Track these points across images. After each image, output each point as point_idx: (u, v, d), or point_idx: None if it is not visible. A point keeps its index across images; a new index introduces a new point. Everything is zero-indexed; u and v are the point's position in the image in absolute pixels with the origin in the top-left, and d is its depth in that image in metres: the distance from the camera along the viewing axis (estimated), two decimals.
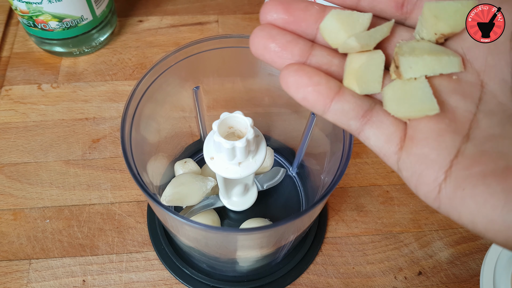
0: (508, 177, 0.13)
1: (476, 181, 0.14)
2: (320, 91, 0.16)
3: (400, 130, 0.16)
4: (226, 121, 0.25)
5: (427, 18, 0.16)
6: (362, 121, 0.17)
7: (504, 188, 0.13)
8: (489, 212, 0.13)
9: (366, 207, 0.36)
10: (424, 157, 0.15)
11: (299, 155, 0.35)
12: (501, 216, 0.13)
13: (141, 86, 0.26)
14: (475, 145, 0.15)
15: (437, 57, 0.16)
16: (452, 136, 0.15)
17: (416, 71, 0.16)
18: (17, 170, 0.37)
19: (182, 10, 0.49)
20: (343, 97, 0.16)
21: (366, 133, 0.17)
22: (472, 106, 0.15)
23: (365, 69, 0.17)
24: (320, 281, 0.32)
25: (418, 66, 0.16)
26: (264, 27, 0.17)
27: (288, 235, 0.27)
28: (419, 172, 0.15)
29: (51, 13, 0.39)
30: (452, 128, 0.15)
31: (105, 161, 0.38)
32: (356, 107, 0.16)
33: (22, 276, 0.32)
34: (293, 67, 0.16)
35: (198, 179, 0.30)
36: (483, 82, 0.16)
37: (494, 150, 0.14)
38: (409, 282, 0.33)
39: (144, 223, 0.35)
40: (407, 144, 0.16)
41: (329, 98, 0.16)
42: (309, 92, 0.16)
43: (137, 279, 0.32)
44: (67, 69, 0.44)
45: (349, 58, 0.17)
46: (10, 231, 0.34)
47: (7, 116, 0.40)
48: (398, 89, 0.16)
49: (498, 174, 0.14)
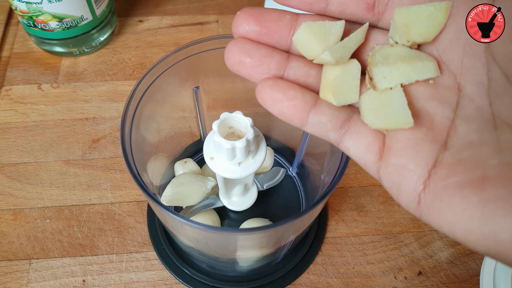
0: (484, 187, 0.13)
1: (453, 191, 0.14)
2: (296, 105, 0.16)
3: (379, 140, 0.16)
4: (226, 121, 0.25)
5: (398, 26, 0.15)
6: (340, 132, 0.17)
7: (480, 199, 0.13)
8: (467, 223, 0.13)
9: (366, 207, 0.36)
10: (402, 168, 0.15)
11: (299, 155, 0.35)
12: (478, 227, 0.13)
13: (141, 86, 0.26)
14: (453, 154, 0.14)
15: (411, 63, 0.15)
16: (429, 146, 0.15)
17: (391, 80, 0.15)
18: (17, 170, 0.37)
19: (182, 10, 0.49)
20: (319, 110, 0.16)
21: (345, 143, 0.17)
22: (449, 112, 0.15)
23: (340, 81, 0.16)
24: (320, 281, 0.32)
25: (392, 75, 0.15)
26: (238, 42, 0.17)
27: (288, 235, 0.27)
28: (398, 182, 0.15)
29: (51, 13, 0.39)
30: (429, 137, 0.15)
31: (105, 161, 0.38)
32: (334, 118, 0.16)
33: (22, 276, 0.32)
34: (267, 82, 0.16)
35: (198, 179, 0.30)
36: (460, 85, 0.15)
37: (471, 159, 0.14)
38: (409, 282, 0.33)
39: (144, 223, 0.35)
40: (385, 154, 0.16)
41: (305, 112, 0.16)
42: (285, 107, 0.16)
43: (137, 279, 0.32)
44: (67, 69, 0.44)
45: (324, 70, 0.17)
46: (10, 231, 0.34)
47: (7, 116, 0.40)
48: (374, 99, 0.16)
49: (474, 184, 0.13)
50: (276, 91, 0.16)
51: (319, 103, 0.16)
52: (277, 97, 0.16)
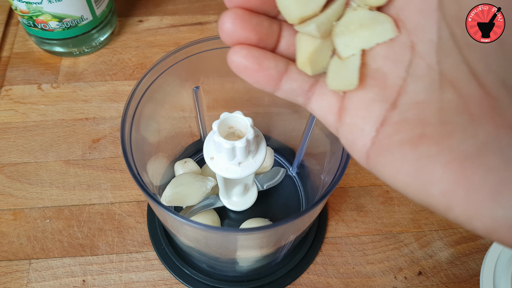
0: (420, 144, 0.14)
1: (395, 148, 0.15)
2: (271, 75, 0.17)
3: (339, 101, 0.17)
4: (226, 121, 0.25)
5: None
6: (308, 95, 0.18)
7: (414, 156, 0.14)
8: (405, 178, 0.15)
9: (366, 207, 0.36)
10: (354, 126, 0.16)
11: (299, 155, 0.35)
12: (413, 181, 0.14)
13: (141, 86, 0.26)
14: (399, 112, 0.15)
15: (370, 28, 0.16)
16: (379, 105, 0.16)
17: (353, 48, 0.16)
18: (17, 170, 0.37)
19: (182, 10, 0.49)
20: (290, 77, 0.17)
21: (311, 105, 0.18)
22: (402, 71, 0.15)
23: (318, 52, 0.17)
24: (320, 281, 0.32)
25: (353, 42, 0.16)
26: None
27: (288, 235, 0.27)
28: (351, 140, 0.16)
29: (51, 13, 0.39)
30: (380, 97, 0.16)
31: (105, 161, 0.38)
32: (303, 83, 0.17)
33: (22, 276, 0.32)
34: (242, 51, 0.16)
35: (198, 179, 0.30)
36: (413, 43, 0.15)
37: (415, 118, 0.15)
38: (409, 282, 0.33)
39: (144, 223, 0.35)
40: (342, 114, 0.17)
41: (278, 80, 0.17)
42: (260, 76, 0.17)
43: (137, 279, 0.32)
44: (67, 69, 0.44)
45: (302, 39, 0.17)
46: (10, 231, 0.34)
47: (7, 116, 0.40)
48: (337, 63, 0.17)
49: (412, 142, 0.14)
50: (252, 61, 0.16)
51: (290, 70, 0.17)
52: (253, 68, 0.16)
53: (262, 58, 0.16)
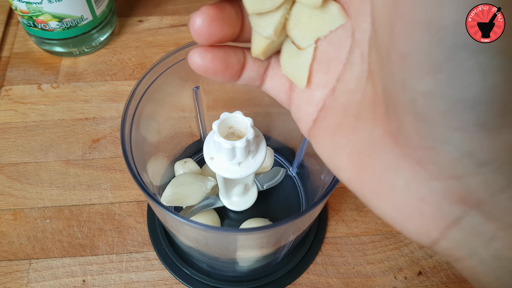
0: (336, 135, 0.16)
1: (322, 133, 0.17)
2: (235, 71, 0.18)
3: (289, 81, 0.18)
4: (226, 121, 0.25)
5: None
6: (263, 78, 0.19)
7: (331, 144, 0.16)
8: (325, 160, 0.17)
9: (366, 207, 0.36)
10: (300, 107, 0.18)
11: (299, 155, 0.35)
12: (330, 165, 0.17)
13: (141, 86, 0.26)
14: (334, 99, 0.16)
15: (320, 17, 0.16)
16: (321, 90, 0.17)
17: (309, 38, 0.16)
18: (17, 170, 0.37)
19: (182, 10, 0.49)
20: (248, 67, 0.18)
21: (266, 86, 0.19)
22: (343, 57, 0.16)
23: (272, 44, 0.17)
24: (320, 281, 0.32)
25: (308, 33, 0.16)
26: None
27: (288, 235, 0.27)
28: (298, 118, 0.18)
29: (51, 13, 0.39)
30: (323, 82, 0.17)
31: (105, 161, 0.38)
32: (259, 69, 0.18)
33: (22, 276, 0.32)
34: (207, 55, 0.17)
35: (198, 179, 0.30)
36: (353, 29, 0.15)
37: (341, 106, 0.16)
38: (409, 282, 0.33)
39: (144, 223, 0.35)
40: (291, 95, 0.18)
41: (240, 72, 0.18)
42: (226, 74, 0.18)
43: (137, 279, 0.32)
44: (67, 69, 0.44)
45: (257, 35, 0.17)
46: (10, 231, 0.34)
47: (7, 116, 0.40)
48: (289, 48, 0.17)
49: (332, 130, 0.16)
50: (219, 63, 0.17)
51: (247, 60, 0.18)
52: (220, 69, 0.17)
53: (227, 57, 0.17)
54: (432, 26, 0.11)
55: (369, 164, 0.15)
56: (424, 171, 0.13)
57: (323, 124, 0.17)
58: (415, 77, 0.12)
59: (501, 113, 0.11)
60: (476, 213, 0.13)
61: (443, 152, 0.12)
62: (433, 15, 0.11)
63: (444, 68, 0.11)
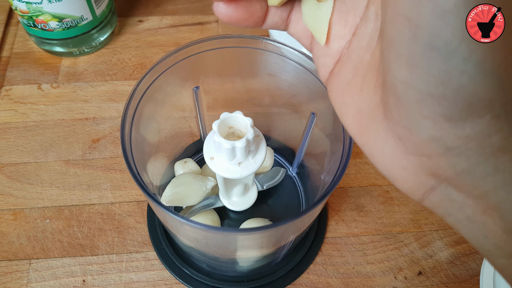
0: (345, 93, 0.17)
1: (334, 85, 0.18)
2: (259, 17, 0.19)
3: None
4: (226, 121, 0.25)
5: None
6: (287, 22, 0.19)
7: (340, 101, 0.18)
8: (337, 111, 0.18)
9: (366, 207, 0.36)
10: (317, 58, 0.19)
11: (299, 155, 0.35)
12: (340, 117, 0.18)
13: (141, 86, 0.26)
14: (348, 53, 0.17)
15: None
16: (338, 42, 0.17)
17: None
18: (17, 170, 0.37)
19: (182, 10, 0.49)
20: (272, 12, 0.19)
21: (290, 30, 0.20)
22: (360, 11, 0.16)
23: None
24: (320, 281, 0.32)
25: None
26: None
27: (288, 235, 0.27)
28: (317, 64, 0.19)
29: (51, 13, 0.39)
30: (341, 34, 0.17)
31: (105, 161, 0.38)
32: (282, 15, 0.19)
33: (22, 276, 0.32)
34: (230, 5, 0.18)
35: (198, 179, 0.30)
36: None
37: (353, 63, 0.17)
38: (409, 282, 0.33)
39: (144, 223, 0.35)
40: (312, 41, 0.19)
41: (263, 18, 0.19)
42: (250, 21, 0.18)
43: (137, 279, 0.32)
44: (67, 69, 0.44)
45: None
46: (10, 231, 0.34)
47: (7, 116, 0.40)
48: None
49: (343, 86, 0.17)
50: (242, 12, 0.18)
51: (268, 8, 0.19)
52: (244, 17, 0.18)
53: (250, 5, 0.18)
54: (411, 22, 0.12)
55: (366, 128, 0.16)
56: (403, 146, 0.15)
57: (336, 80, 0.18)
58: (396, 65, 0.13)
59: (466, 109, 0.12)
60: (447, 185, 0.15)
61: (416, 134, 0.14)
62: (411, 12, 0.11)
63: (418, 64, 0.12)
